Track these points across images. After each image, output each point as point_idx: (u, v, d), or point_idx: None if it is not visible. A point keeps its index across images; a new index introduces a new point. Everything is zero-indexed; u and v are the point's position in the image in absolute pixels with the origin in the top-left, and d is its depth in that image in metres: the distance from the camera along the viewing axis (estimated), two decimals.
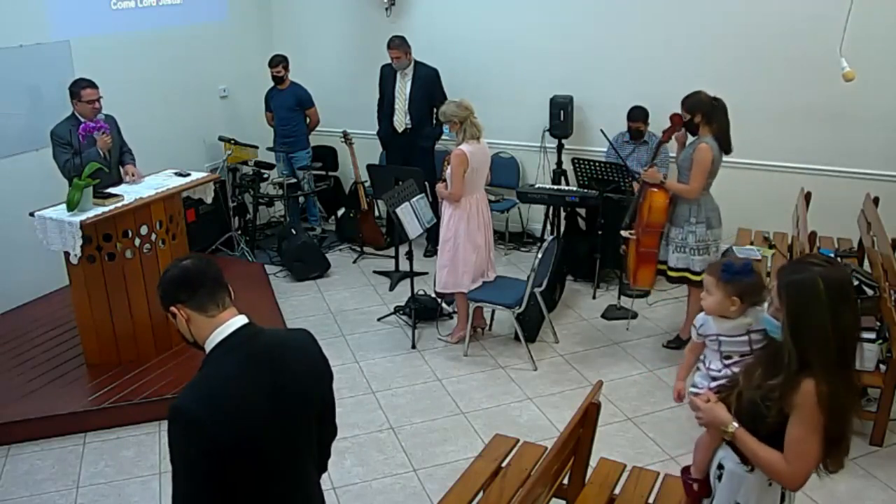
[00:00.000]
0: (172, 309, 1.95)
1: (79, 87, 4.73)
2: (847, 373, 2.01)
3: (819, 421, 1.96)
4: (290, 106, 6.66)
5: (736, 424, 2.11)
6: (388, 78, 6.32)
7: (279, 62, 6.55)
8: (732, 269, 2.66)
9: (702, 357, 2.90)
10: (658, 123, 5.48)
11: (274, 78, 6.60)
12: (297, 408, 1.97)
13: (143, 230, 4.57)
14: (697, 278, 4.57)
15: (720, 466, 2.25)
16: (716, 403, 2.19)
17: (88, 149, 4.74)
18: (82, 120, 4.71)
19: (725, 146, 4.45)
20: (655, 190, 4.59)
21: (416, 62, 6.23)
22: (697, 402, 2.24)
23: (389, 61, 6.22)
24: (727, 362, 2.72)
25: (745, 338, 2.65)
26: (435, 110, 5.80)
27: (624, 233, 4.86)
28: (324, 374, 2.08)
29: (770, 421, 2.03)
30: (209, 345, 1.92)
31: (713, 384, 2.65)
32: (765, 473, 2.10)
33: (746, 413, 2.10)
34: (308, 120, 6.81)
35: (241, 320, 1.95)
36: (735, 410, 2.14)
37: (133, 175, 4.92)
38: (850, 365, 2.03)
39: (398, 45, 6.10)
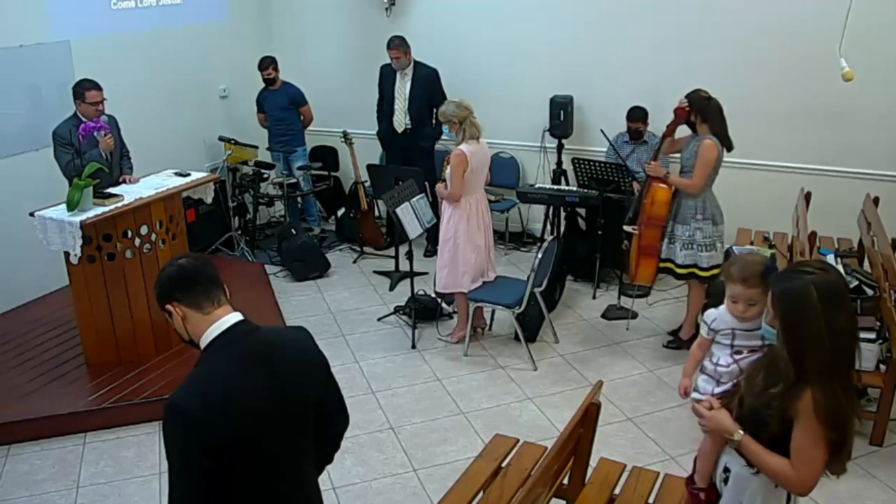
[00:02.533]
0: (168, 307, 1.95)
1: (83, 89, 4.73)
2: (846, 379, 2.00)
3: (820, 430, 1.96)
4: (283, 105, 6.66)
5: (741, 432, 2.10)
6: (387, 78, 6.32)
7: (268, 64, 6.54)
8: (771, 269, 2.56)
9: (708, 357, 2.89)
10: (658, 123, 5.48)
11: (265, 80, 6.59)
12: (293, 404, 1.97)
13: (143, 230, 4.57)
14: (705, 274, 4.59)
15: (726, 470, 2.24)
16: (719, 410, 2.19)
17: (90, 149, 4.74)
18: (84, 120, 4.71)
19: (726, 144, 4.46)
20: (658, 184, 4.61)
21: (416, 62, 6.23)
22: (701, 409, 2.23)
23: (389, 61, 6.22)
24: (737, 357, 2.71)
25: (760, 332, 2.64)
26: (435, 110, 5.80)
27: (627, 227, 4.87)
28: (320, 370, 2.07)
29: (773, 428, 2.03)
30: (204, 341, 1.93)
31: (717, 389, 2.64)
32: (772, 480, 2.10)
33: (749, 420, 2.10)
34: (302, 118, 6.81)
35: (235, 317, 1.96)
36: (737, 416, 2.14)
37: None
38: (848, 371, 2.01)
39: (398, 45, 6.10)
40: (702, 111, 4.41)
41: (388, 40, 6.13)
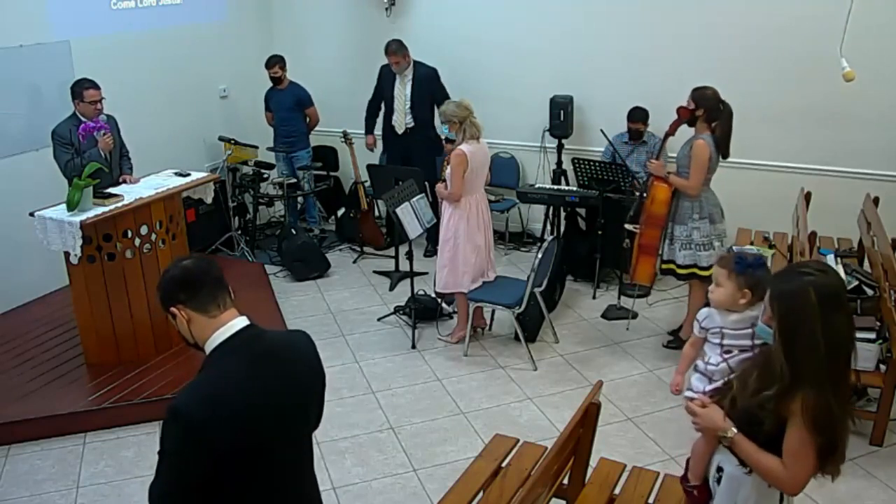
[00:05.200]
0: (173, 309, 1.93)
1: (81, 88, 4.73)
2: (840, 384, 1.98)
3: (810, 433, 1.96)
4: (289, 106, 6.66)
5: (734, 430, 2.10)
6: (386, 79, 6.31)
7: (275, 63, 6.54)
8: (745, 261, 2.64)
9: (701, 355, 2.89)
10: (658, 124, 5.48)
11: (272, 78, 6.60)
12: (297, 409, 1.97)
13: (143, 230, 4.57)
14: (706, 273, 4.59)
15: (719, 469, 2.24)
16: (711, 408, 2.18)
17: (90, 149, 4.74)
18: (83, 120, 4.71)
19: (723, 151, 4.46)
20: (659, 183, 4.62)
21: (415, 62, 6.22)
22: (693, 407, 2.23)
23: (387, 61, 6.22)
24: (727, 356, 2.71)
25: (749, 331, 2.64)
26: (436, 107, 5.83)
27: (628, 226, 4.87)
28: (321, 377, 2.09)
29: (767, 428, 2.03)
30: (210, 346, 1.91)
31: (708, 387, 2.65)
32: (763, 479, 2.09)
33: (742, 420, 2.09)
34: (308, 119, 6.81)
35: (242, 322, 1.94)
36: (730, 416, 2.13)
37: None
38: (843, 376, 2.00)
39: (395, 50, 6.08)
40: (711, 111, 4.39)
41: (386, 46, 6.11)
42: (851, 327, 2.03)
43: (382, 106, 6.47)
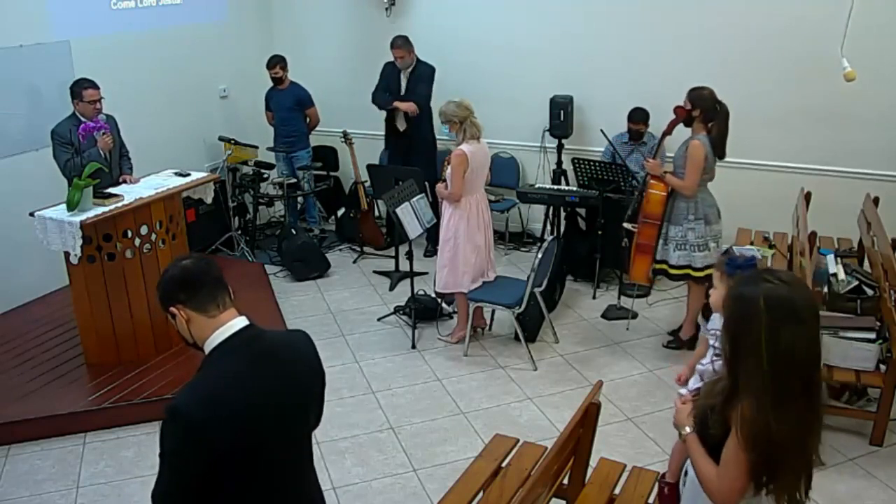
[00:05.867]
0: (172, 309, 1.92)
1: (80, 88, 4.73)
2: (787, 403, 1.82)
3: (741, 448, 1.85)
4: (289, 106, 6.66)
5: (688, 430, 2.06)
6: (391, 76, 6.31)
7: (276, 63, 6.55)
8: (735, 262, 2.65)
9: None
10: (658, 124, 5.47)
11: (272, 79, 6.60)
12: (297, 409, 1.97)
13: (143, 230, 4.57)
14: (699, 274, 4.60)
15: (686, 473, 2.21)
16: (685, 406, 2.16)
17: (90, 148, 4.74)
18: (83, 120, 4.71)
19: (719, 152, 4.46)
20: (655, 181, 4.64)
21: (418, 60, 6.24)
22: (676, 402, 2.23)
23: (392, 60, 6.22)
24: (716, 359, 2.72)
25: None
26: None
27: (626, 225, 4.88)
28: (320, 377, 2.09)
29: (713, 433, 1.96)
30: (209, 346, 1.91)
31: (693, 386, 2.67)
32: (700, 484, 2.01)
33: (698, 422, 2.05)
34: (308, 120, 6.81)
35: (241, 322, 1.94)
36: (694, 416, 2.10)
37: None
38: (791, 394, 1.83)
39: (401, 45, 6.11)
40: (708, 112, 4.39)
41: (392, 40, 6.13)
42: (810, 344, 1.85)
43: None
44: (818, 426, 1.93)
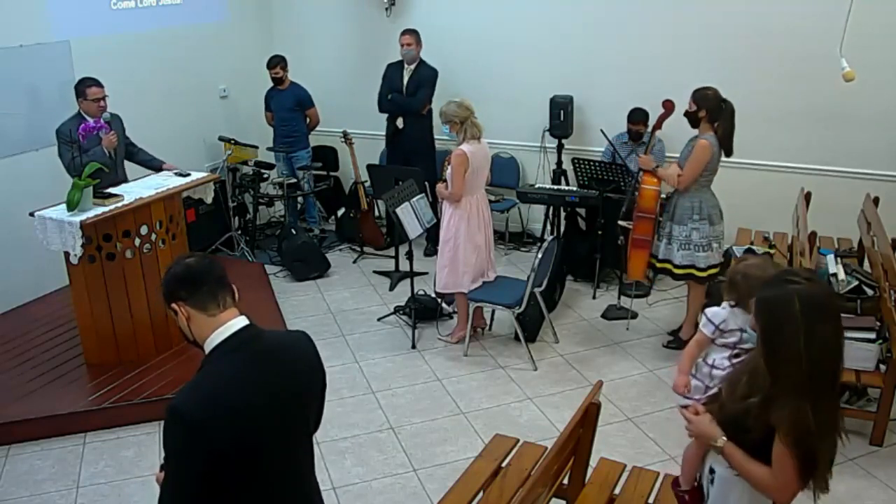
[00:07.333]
0: (174, 306, 1.93)
1: (84, 86, 4.75)
2: (822, 399, 1.91)
3: (787, 447, 1.92)
4: (289, 106, 6.66)
5: (724, 438, 2.09)
6: (393, 76, 6.31)
7: (277, 63, 6.55)
8: None
9: (702, 356, 2.89)
10: None
11: (273, 79, 6.60)
12: (297, 409, 1.97)
13: (143, 230, 4.57)
14: (703, 274, 4.60)
15: (711, 471, 2.23)
16: (704, 416, 2.17)
17: (94, 147, 4.74)
18: (87, 118, 4.72)
19: (727, 149, 4.47)
20: (648, 177, 4.67)
21: (421, 60, 6.24)
22: (687, 414, 2.23)
23: (392, 60, 6.22)
24: (735, 361, 2.70)
25: None
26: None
27: (622, 222, 4.89)
28: (320, 377, 2.09)
29: (754, 435, 2.00)
30: (209, 345, 1.91)
31: (701, 396, 2.65)
32: (754, 488, 2.07)
33: (731, 426, 2.07)
34: (308, 120, 6.81)
35: (241, 321, 1.94)
36: (719, 422, 2.12)
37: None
38: (826, 390, 1.93)
39: (411, 33, 6.16)
40: (713, 112, 4.40)
41: (403, 31, 6.16)
42: (839, 339, 1.94)
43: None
44: (840, 412, 2.02)
